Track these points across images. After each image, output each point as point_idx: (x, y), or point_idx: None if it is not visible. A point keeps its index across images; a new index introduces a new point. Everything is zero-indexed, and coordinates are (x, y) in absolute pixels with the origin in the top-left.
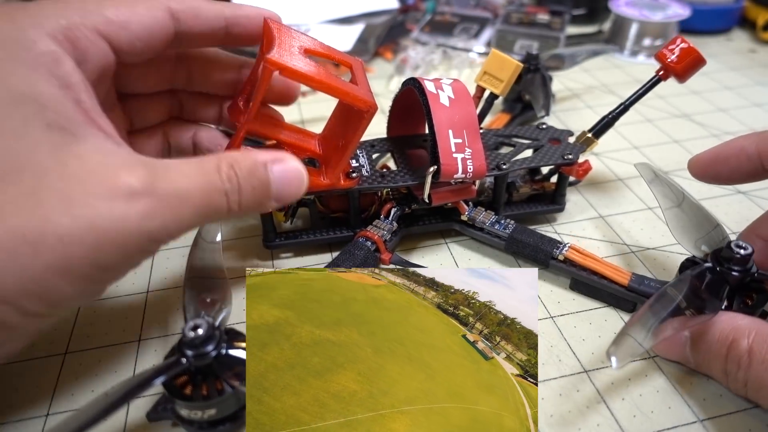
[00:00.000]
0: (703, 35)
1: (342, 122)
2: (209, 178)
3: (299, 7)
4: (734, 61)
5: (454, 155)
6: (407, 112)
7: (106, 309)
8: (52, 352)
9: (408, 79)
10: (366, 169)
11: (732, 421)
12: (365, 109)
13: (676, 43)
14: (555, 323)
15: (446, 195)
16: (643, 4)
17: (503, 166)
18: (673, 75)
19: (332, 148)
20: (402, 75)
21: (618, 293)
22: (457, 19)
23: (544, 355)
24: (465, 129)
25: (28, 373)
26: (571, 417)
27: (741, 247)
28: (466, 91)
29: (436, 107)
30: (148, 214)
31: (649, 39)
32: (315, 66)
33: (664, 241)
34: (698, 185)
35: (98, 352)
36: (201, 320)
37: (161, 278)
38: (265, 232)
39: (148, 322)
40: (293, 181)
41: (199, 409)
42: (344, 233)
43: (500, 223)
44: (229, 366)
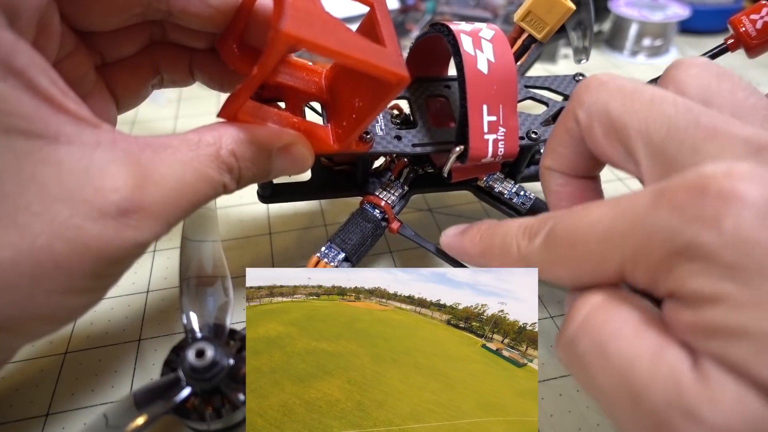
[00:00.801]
0: (702, 35)
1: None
2: (205, 173)
3: None
4: (733, 61)
5: (485, 137)
6: (430, 53)
7: (106, 309)
8: (52, 352)
9: (438, 25)
10: (380, 125)
11: None
12: (395, 81)
13: (761, 13)
14: (555, 323)
15: (468, 171)
16: (642, 5)
17: (533, 135)
18: (744, 47)
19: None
20: None
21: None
22: (457, 20)
23: (544, 355)
24: (502, 103)
25: (28, 373)
26: (571, 417)
27: None
28: (509, 50)
29: (472, 75)
30: (139, 229)
31: (648, 39)
32: (337, 30)
33: None
34: None
35: (98, 352)
36: (205, 344)
37: (161, 278)
38: (260, 186)
39: (148, 322)
40: (296, 166)
41: (205, 425)
42: (349, 192)
43: (519, 195)
44: (236, 379)
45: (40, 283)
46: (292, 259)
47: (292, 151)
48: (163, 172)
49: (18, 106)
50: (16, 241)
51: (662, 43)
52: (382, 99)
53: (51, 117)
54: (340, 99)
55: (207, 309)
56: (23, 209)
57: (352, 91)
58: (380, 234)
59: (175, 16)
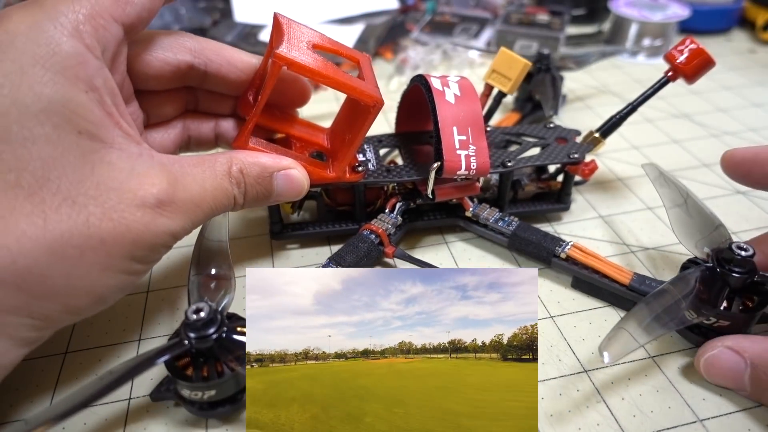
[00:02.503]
0: (702, 35)
1: (349, 117)
2: (220, 184)
3: (299, 7)
4: (734, 61)
5: (457, 152)
6: (415, 108)
7: (106, 309)
8: (52, 352)
9: (416, 76)
10: (372, 163)
11: (732, 421)
12: (371, 104)
13: (686, 44)
14: (555, 323)
15: (450, 191)
16: (642, 5)
17: (508, 164)
18: (681, 76)
19: (340, 142)
20: (402, 75)
21: (619, 292)
22: (457, 20)
23: (544, 355)
24: (470, 126)
25: (28, 373)
26: (571, 416)
27: (742, 248)
28: (473, 89)
29: (441, 104)
30: (171, 219)
31: (648, 39)
32: (323, 61)
33: (666, 241)
34: (699, 184)
35: (98, 352)
36: (203, 304)
37: (161, 278)
38: (272, 223)
39: (148, 322)
40: (294, 188)
41: (199, 390)
42: (350, 226)
43: (504, 220)
44: (229, 349)
45: (86, 255)
46: (292, 260)
47: (290, 173)
48: (189, 179)
49: (91, 114)
50: (73, 216)
51: (662, 43)
52: (364, 122)
53: (111, 128)
54: (336, 142)
55: (211, 295)
56: (83, 193)
57: (343, 131)
58: (375, 256)
59: (209, 77)
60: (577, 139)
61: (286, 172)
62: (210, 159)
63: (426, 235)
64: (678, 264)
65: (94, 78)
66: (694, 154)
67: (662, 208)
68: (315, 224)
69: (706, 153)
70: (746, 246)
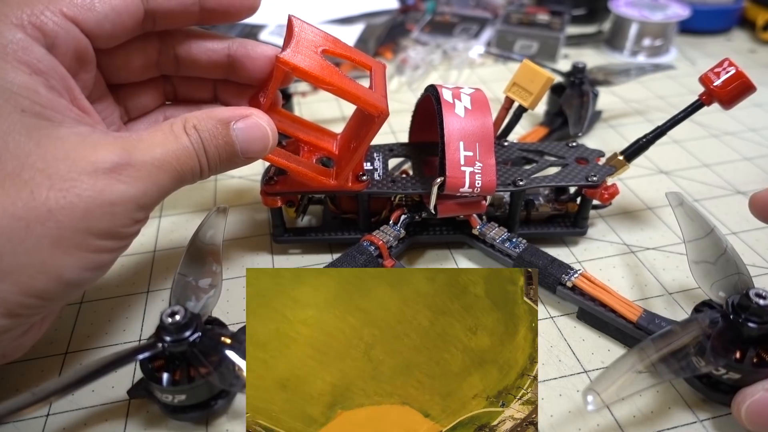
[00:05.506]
0: (702, 35)
1: (358, 124)
2: (181, 143)
3: (299, 7)
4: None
5: (462, 168)
6: (429, 118)
7: (106, 309)
8: (52, 352)
9: (429, 86)
10: (379, 173)
11: (732, 421)
12: (375, 114)
13: (723, 66)
14: (555, 323)
15: (454, 207)
16: (642, 5)
17: (519, 183)
18: (717, 101)
19: (346, 149)
20: (402, 75)
21: (625, 329)
22: (457, 20)
23: (544, 355)
24: (478, 142)
25: (28, 373)
26: (571, 417)
27: (761, 296)
28: (485, 102)
29: (448, 117)
30: (130, 183)
31: (648, 39)
32: (328, 68)
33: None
34: (699, 184)
35: (98, 352)
36: (179, 307)
37: (161, 278)
38: (274, 226)
39: (148, 322)
40: (258, 138)
41: (169, 393)
42: (353, 235)
43: (511, 241)
44: (204, 354)
45: (32, 228)
46: (292, 260)
47: (249, 120)
48: (146, 143)
49: (35, 95)
50: (15, 190)
51: (662, 43)
52: (368, 132)
53: (61, 109)
54: (343, 148)
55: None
56: (28, 167)
57: (350, 138)
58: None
59: (180, 63)
60: (600, 160)
61: (244, 120)
62: (166, 123)
63: (431, 249)
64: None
65: (39, 63)
66: (694, 154)
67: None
68: (318, 231)
69: (706, 153)
70: (765, 293)
